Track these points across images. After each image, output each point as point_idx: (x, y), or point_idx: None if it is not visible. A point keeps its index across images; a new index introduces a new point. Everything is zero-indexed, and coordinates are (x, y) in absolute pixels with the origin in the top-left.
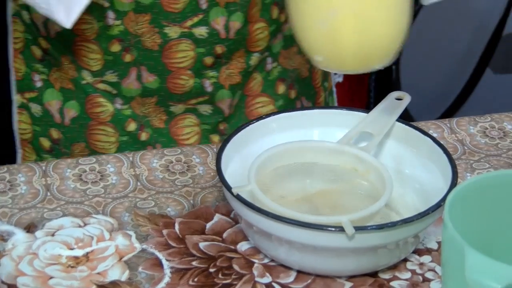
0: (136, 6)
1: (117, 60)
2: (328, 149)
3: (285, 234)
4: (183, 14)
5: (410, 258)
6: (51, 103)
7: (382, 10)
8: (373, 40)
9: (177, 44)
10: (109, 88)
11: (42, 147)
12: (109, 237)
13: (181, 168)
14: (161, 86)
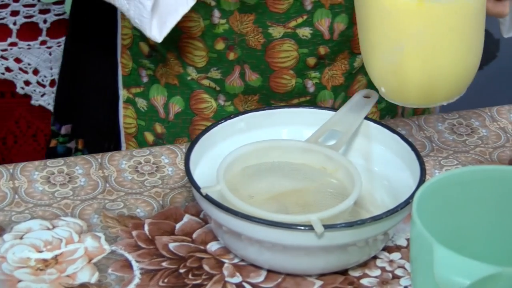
0: (242, 6)
1: (222, 58)
2: (296, 148)
3: (255, 234)
4: (288, 14)
5: (380, 256)
6: (156, 98)
7: (451, 49)
8: (438, 79)
9: (281, 44)
10: (213, 85)
11: (146, 141)
12: (78, 239)
13: (150, 169)
14: (263, 84)
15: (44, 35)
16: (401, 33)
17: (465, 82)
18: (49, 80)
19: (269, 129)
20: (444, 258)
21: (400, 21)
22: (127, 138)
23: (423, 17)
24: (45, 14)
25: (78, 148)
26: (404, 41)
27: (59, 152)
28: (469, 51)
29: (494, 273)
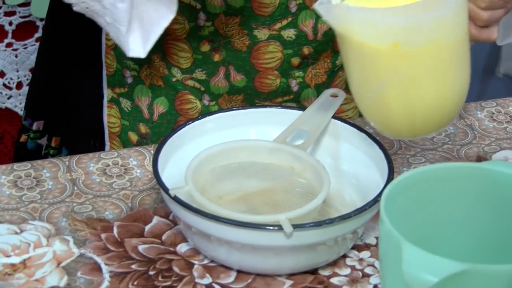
0: (227, 9)
1: (207, 59)
2: (264, 148)
3: (224, 235)
4: (273, 17)
5: (349, 254)
6: (141, 99)
7: (430, 87)
8: (422, 114)
9: (266, 45)
10: (197, 85)
11: (130, 141)
12: (46, 243)
13: (118, 171)
14: (248, 84)
15: (10, 38)
16: (379, 74)
17: (452, 113)
18: (16, 83)
19: (237, 129)
20: (412, 256)
21: (377, 63)
22: (111, 137)
23: (398, 60)
24: (10, 17)
25: (50, 145)
26: (383, 81)
27: (29, 147)
28: (450, 85)
29: (461, 270)
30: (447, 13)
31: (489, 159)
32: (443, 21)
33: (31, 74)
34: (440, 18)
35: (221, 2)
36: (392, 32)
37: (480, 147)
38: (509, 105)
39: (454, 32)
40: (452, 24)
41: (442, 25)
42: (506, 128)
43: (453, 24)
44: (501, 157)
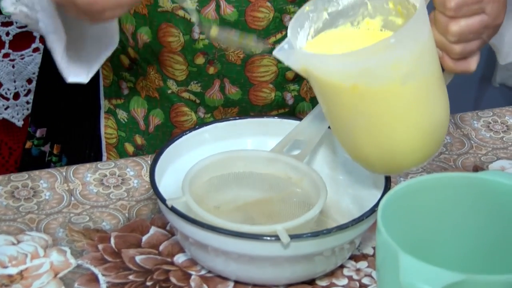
0: (221, 22)
1: (201, 72)
2: (261, 158)
3: (221, 245)
4: (267, 31)
5: (347, 264)
6: (136, 110)
7: (396, 126)
8: (396, 152)
9: (260, 59)
10: (193, 97)
11: (126, 152)
12: (43, 254)
13: (115, 181)
14: (243, 97)
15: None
16: (344, 112)
17: (431, 148)
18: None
19: (234, 139)
20: (410, 266)
21: (340, 102)
22: (108, 148)
23: (359, 100)
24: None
25: (52, 152)
26: (349, 120)
27: (33, 154)
28: (417, 123)
29: (459, 280)
30: (403, 54)
31: (486, 169)
32: (400, 63)
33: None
34: (396, 60)
35: (215, 16)
36: (348, 76)
37: (477, 157)
38: (506, 114)
39: (414, 71)
40: (411, 65)
41: (400, 66)
42: (503, 137)
43: (412, 64)
44: (497, 167)
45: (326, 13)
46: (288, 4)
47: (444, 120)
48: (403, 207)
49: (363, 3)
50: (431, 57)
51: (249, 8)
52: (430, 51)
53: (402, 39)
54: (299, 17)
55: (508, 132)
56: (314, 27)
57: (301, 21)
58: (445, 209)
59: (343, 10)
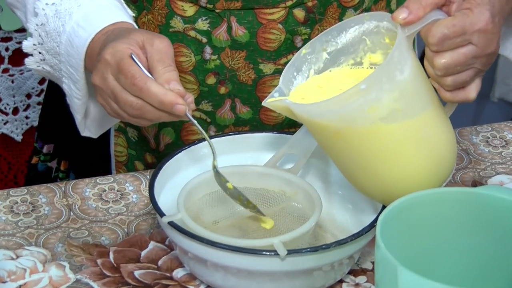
0: (233, 43)
1: (213, 92)
2: (254, 173)
3: (220, 260)
4: (278, 52)
5: (346, 279)
6: (147, 129)
7: (384, 166)
8: (385, 190)
9: (271, 79)
10: (204, 116)
11: (136, 170)
12: (42, 269)
13: (114, 196)
14: (254, 117)
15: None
16: (334, 151)
17: (435, 180)
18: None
19: (233, 155)
20: (409, 281)
21: (329, 144)
22: (117, 166)
23: (344, 142)
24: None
25: (59, 168)
26: (339, 158)
27: (39, 170)
28: (418, 158)
29: None
30: (379, 96)
31: (485, 184)
32: (377, 106)
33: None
34: (371, 103)
35: (227, 37)
36: (329, 121)
37: (476, 172)
38: (504, 129)
39: (398, 110)
40: (391, 105)
41: (377, 109)
42: (502, 152)
43: (393, 104)
44: (496, 182)
45: (326, 53)
46: (299, 25)
47: (447, 152)
48: (402, 222)
49: (362, 40)
50: (418, 93)
51: (260, 30)
52: (415, 87)
53: (374, 83)
54: (295, 62)
55: (506, 147)
56: (314, 68)
57: (298, 65)
58: (444, 224)
59: (343, 48)
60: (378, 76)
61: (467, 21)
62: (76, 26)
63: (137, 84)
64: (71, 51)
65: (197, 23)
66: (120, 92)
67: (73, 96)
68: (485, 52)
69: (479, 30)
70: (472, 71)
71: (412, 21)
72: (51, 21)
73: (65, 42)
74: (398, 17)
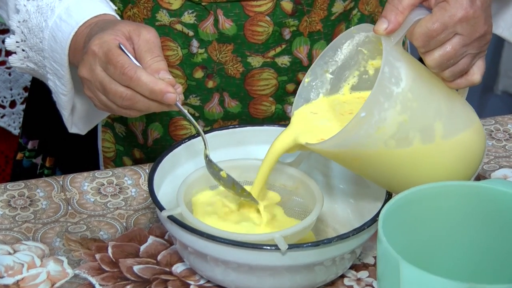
0: (220, 37)
1: (200, 86)
2: (255, 167)
3: (221, 254)
4: (266, 44)
5: (347, 274)
6: (135, 124)
7: (400, 184)
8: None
9: (260, 73)
10: (192, 111)
11: (124, 166)
12: (40, 264)
13: (113, 190)
14: (243, 111)
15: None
16: (359, 171)
17: (463, 176)
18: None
19: (234, 148)
20: (411, 276)
21: (350, 167)
22: (105, 161)
23: (365, 164)
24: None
25: (44, 165)
26: (367, 175)
27: (24, 166)
28: (445, 163)
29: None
30: (382, 117)
31: (488, 178)
32: (383, 126)
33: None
34: (376, 126)
35: (214, 30)
36: (344, 152)
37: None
38: (508, 122)
39: (407, 122)
40: (398, 120)
41: (384, 129)
42: (505, 146)
43: (399, 119)
44: (500, 176)
45: (328, 74)
46: (287, 17)
47: (473, 144)
48: (405, 216)
49: (358, 51)
50: (424, 98)
51: (248, 22)
52: (418, 91)
53: (374, 107)
54: (301, 93)
55: (510, 140)
56: (322, 92)
57: (305, 95)
58: (447, 218)
59: (344, 64)
60: (375, 99)
61: (446, 15)
62: (59, 21)
63: (126, 73)
64: (55, 46)
65: (183, 16)
66: (109, 83)
67: (58, 92)
68: (474, 38)
69: (460, 20)
70: (468, 58)
71: (394, 29)
72: (33, 17)
73: (48, 37)
74: (380, 30)
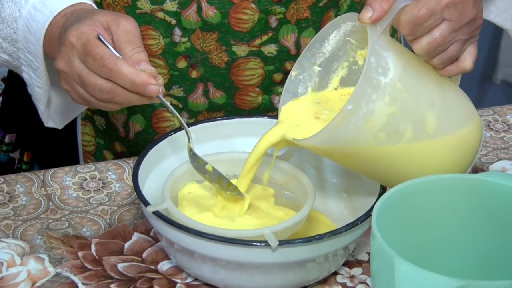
0: (203, 25)
1: (184, 76)
2: (243, 160)
3: (209, 251)
4: (252, 33)
5: (340, 271)
6: (116, 116)
7: (392, 179)
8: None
9: (246, 62)
10: (175, 102)
11: (105, 160)
12: (20, 262)
13: (96, 185)
14: (228, 101)
15: None
16: (350, 167)
17: (459, 167)
18: None
19: (221, 141)
20: (406, 273)
21: (341, 162)
22: (85, 156)
23: (355, 160)
24: None
25: (22, 159)
26: (360, 170)
27: (1, 160)
28: (439, 153)
29: (459, 286)
30: (369, 110)
31: (486, 170)
32: (371, 118)
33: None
34: (365, 119)
35: (197, 18)
36: (333, 149)
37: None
38: (507, 113)
39: (393, 118)
40: (386, 111)
41: (372, 122)
42: (504, 137)
43: (387, 111)
44: (498, 168)
45: (316, 67)
46: (273, 4)
47: (471, 137)
48: (399, 211)
49: (346, 41)
50: (415, 88)
51: (232, 10)
52: (407, 81)
53: (361, 99)
54: (288, 88)
55: (509, 132)
56: (311, 85)
57: (293, 90)
58: (443, 213)
59: (332, 55)
60: (362, 90)
61: (432, 1)
62: (33, 10)
63: (106, 65)
64: (29, 36)
65: (165, 4)
66: (87, 76)
67: (34, 85)
68: (463, 23)
69: (447, 4)
70: (457, 44)
71: (379, 18)
72: (7, 6)
73: (22, 27)
74: (365, 19)
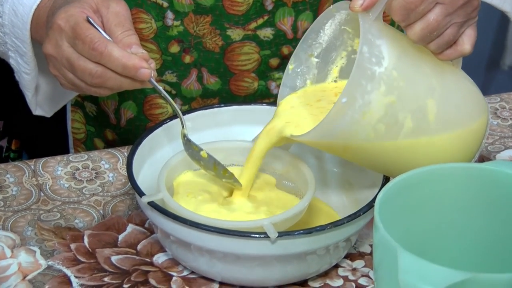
0: (196, 8)
1: (177, 61)
2: (241, 149)
3: (205, 243)
4: (247, 16)
5: (342, 264)
6: (106, 102)
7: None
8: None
9: (241, 46)
10: (168, 88)
11: (96, 148)
12: (10, 254)
13: (88, 175)
14: (223, 87)
15: None
16: (353, 159)
17: (465, 156)
18: None
19: (218, 129)
20: (410, 265)
21: (344, 155)
22: (75, 144)
23: (356, 153)
24: None
25: (10, 147)
26: (362, 163)
27: None
28: (447, 144)
29: (463, 279)
30: (365, 101)
31: (493, 159)
32: (368, 110)
33: None
34: (361, 111)
35: (190, 1)
36: (332, 143)
37: (483, 146)
38: None
39: (391, 107)
40: (383, 101)
41: (370, 113)
42: (511, 125)
43: (384, 100)
44: (505, 157)
45: (314, 58)
46: None
47: (472, 120)
48: (402, 202)
49: (342, 30)
50: (412, 76)
51: None
52: (403, 68)
53: (355, 90)
54: (286, 82)
55: None
56: (309, 78)
57: (291, 84)
58: (448, 203)
59: (329, 45)
60: (355, 82)
61: None
62: None
63: (97, 48)
64: (16, 20)
65: None
66: (77, 60)
67: (21, 71)
68: (457, 5)
69: None
70: (454, 27)
71: (370, 5)
72: None
73: (8, 11)
74: (356, 7)
